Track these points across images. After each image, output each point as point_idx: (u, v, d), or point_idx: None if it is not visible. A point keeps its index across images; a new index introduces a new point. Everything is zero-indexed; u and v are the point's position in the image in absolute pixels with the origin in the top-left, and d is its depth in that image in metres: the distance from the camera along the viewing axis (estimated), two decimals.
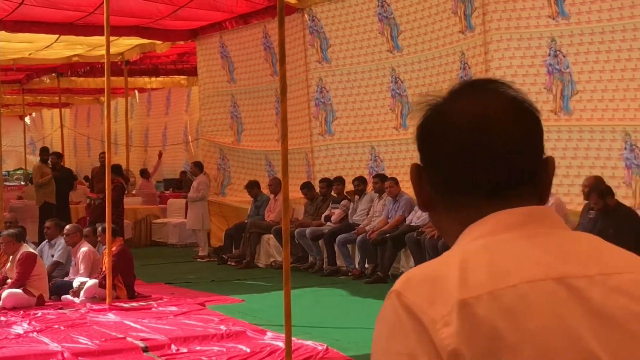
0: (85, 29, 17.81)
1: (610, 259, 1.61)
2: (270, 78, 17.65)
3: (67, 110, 35.75)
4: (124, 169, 20.61)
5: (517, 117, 1.70)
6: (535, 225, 1.63)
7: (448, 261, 1.61)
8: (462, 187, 1.68)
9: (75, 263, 13.47)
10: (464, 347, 1.47)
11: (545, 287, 1.53)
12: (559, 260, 1.57)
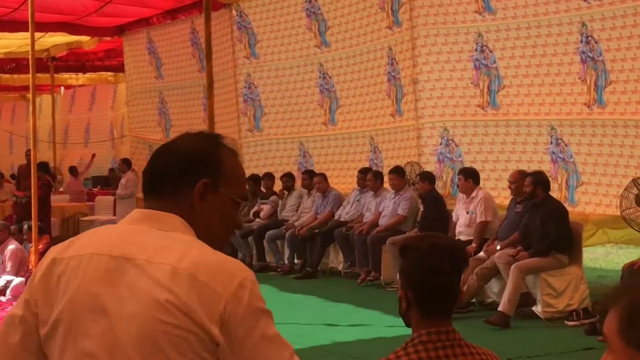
0: (10, 24, 17.56)
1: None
2: (198, 74, 17.57)
3: None
4: (51, 167, 20.37)
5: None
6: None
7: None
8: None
9: (2, 261, 13.30)
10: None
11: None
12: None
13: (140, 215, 2.39)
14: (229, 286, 2.20)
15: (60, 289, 2.30)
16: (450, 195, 12.74)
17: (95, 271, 2.28)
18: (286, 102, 15.80)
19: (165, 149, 2.46)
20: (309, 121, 15.45)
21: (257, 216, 15.43)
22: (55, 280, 2.32)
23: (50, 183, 18.66)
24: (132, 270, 2.25)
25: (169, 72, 18.41)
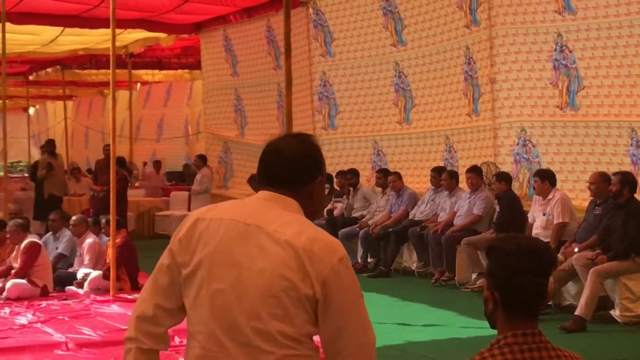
0: (90, 21, 17.81)
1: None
2: (273, 72, 17.66)
3: (70, 102, 35.73)
4: (127, 161, 20.62)
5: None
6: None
7: None
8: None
9: (80, 254, 13.49)
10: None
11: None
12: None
13: (267, 196, 3.18)
14: (333, 258, 2.99)
15: (202, 241, 3.09)
16: (527, 197, 12.62)
17: (232, 233, 3.07)
18: (361, 100, 15.79)
19: (279, 151, 3.24)
20: (384, 120, 15.43)
21: (330, 213, 15.46)
22: (197, 234, 3.10)
23: (127, 178, 18.89)
24: (263, 236, 3.03)
25: (244, 69, 18.52)
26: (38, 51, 22.02)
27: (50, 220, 14.38)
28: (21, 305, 11.56)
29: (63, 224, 14.12)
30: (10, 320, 10.57)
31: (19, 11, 16.73)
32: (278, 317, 2.96)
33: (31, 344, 9.21)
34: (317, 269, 2.96)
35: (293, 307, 2.96)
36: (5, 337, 9.56)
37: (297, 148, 3.22)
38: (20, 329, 9.99)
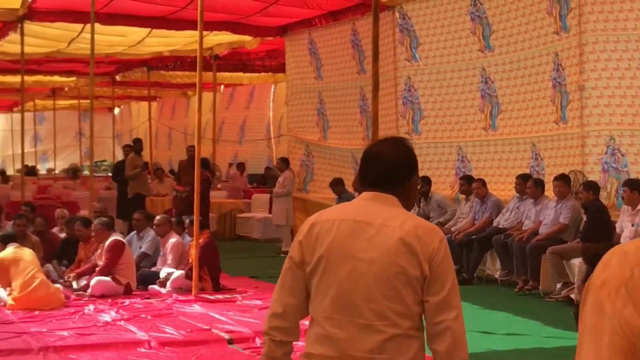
0: (177, 23, 17.98)
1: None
2: (357, 76, 17.62)
3: (154, 103, 36.14)
4: (211, 163, 20.75)
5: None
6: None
7: None
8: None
9: (163, 253, 13.61)
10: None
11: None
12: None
13: (370, 195, 3.65)
14: (435, 239, 3.48)
15: (319, 241, 3.57)
16: (615, 207, 12.38)
17: (344, 230, 3.56)
18: (446, 105, 15.67)
19: (380, 154, 3.70)
20: (469, 125, 15.28)
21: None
22: (315, 236, 3.60)
23: (210, 179, 19.00)
24: (371, 230, 3.52)
25: (328, 73, 18.50)
26: (125, 52, 22.30)
27: (134, 220, 14.54)
28: (105, 302, 11.70)
29: (147, 223, 14.28)
30: (95, 317, 10.70)
31: (107, 12, 16.95)
32: (391, 299, 3.43)
33: (115, 341, 9.30)
34: (423, 250, 3.43)
35: (403, 288, 3.43)
36: (90, 333, 9.68)
37: (396, 151, 3.69)
38: (104, 326, 10.11)
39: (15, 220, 14.21)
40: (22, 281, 11.32)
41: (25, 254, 11.71)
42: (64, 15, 17.33)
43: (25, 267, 11.45)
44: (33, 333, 9.65)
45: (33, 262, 11.61)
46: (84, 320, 10.56)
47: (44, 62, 24.66)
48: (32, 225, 14.62)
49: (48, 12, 17.15)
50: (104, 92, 32.68)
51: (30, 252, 11.95)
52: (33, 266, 11.53)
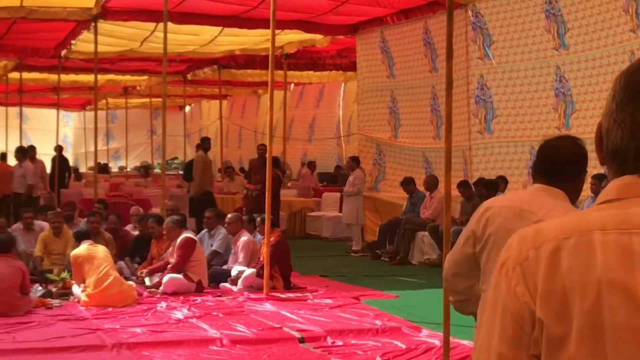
0: (248, 22, 18.04)
1: None
2: (429, 74, 17.51)
3: (225, 101, 36.33)
4: (281, 161, 20.79)
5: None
6: None
7: None
8: None
9: (234, 252, 13.66)
10: None
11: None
12: None
13: (540, 187, 4.08)
14: None
15: (489, 222, 4.15)
16: None
17: (511, 215, 4.07)
18: (519, 104, 15.48)
19: (557, 150, 4.08)
20: (542, 124, 15.09)
21: None
22: (486, 218, 4.18)
23: (280, 177, 19.05)
24: (534, 218, 3.85)
25: (400, 71, 18.42)
26: (197, 51, 22.44)
27: (205, 218, 14.62)
28: (177, 300, 11.77)
29: (218, 221, 14.35)
30: (167, 314, 10.77)
31: (180, 11, 17.06)
32: None
33: (187, 338, 9.35)
34: None
35: None
36: (162, 330, 9.74)
37: (572, 148, 4.10)
38: (176, 324, 10.17)
39: (89, 217, 14.36)
40: (96, 278, 11.44)
41: (98, 251, 11.84)
42: (137, 14, 17.49)
43: (99, 264, 11.57)
44: (107, 329, 9.75)
45: (106, 259, 11.73)
46: (157, 317, 10.64)
47: (117, 61, 24.92)
48: (105, 223, 14.78)
49: (121, 11, 17.32)
50: (175, 91, 32.94)
51: (104, 249, 12.08)
52: (107, 263, 11.65)
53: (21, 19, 17.42)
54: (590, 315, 1.61)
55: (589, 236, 1.65)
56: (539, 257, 1.66)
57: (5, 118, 29.82)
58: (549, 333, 1.64)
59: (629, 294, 1.59)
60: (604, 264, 1.62)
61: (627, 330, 1.58)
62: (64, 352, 8.77)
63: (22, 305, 10.86)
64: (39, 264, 13.92)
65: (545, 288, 1.64)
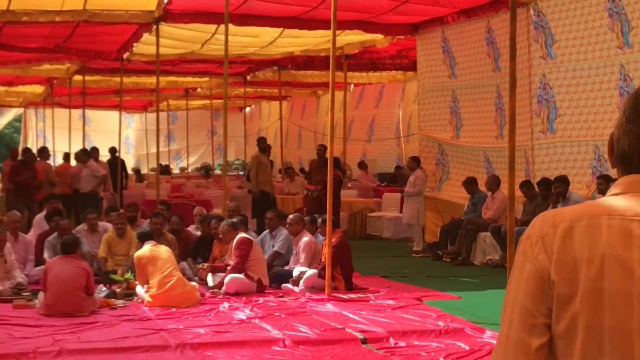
0: (309, 23, 18.05)
1: None
2: (492, 74, 17.39)
3: (285, 102, 36.43)
4: (342, 162, 20.79)
5: None
6: None
7: None
8: None
9: (296, 252, 13.69)
10: None
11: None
12: None
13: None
14: None
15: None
16: None
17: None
18: (582, 103, 15.31)
19: None
20: (606, 124, 14.90)
21: None
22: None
23: (341, 178, 19.05)
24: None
25: (462, 71, 18.32)
26: (257, 52, 22.53)
27: (267, 219, 14.66)
28: (239, 300, 11.82)
29: (279, 222, 14.38)
30: (229, 315, 10.82)
31: (241, 13, 17.13)
32: None
33: (250, 339, 9.38)
34: None
35: None
36: (225, 331, 9.78)
37: None
38: (238, 324, 10.21)
39: (152, 218, 14.48)
40: (159, 279, 11.54)
41: (161, 252, 11.94)
42: (198, 17, 17.59)
43: (162, 265, 11.66)
44: (170, 330, 9.81)
45: (170, 260, 11.82)
46: (219, 317, 10.69)
47: (178, 63, 25.11)
48: (168, 224, 14.90)
49: (182, 13, 17.43)
50: (236, 92, 33.11)
51: (167, 249, 12.17)
52: (170, 264, 11.74)
53: (84, 22, 17.60)
54: (593, 281, 2.11)
55: (598, 220, 2.15)
56: (555, 233, 2.16)
57: (69, 120, 30.18)
58: (559, 292, 2.14)
59: (625, 267, 2.08)
60: (608, 242, 2.11)
61: (620, 294, 2.08)
62: (128, 352, 8.85)
63: (86, 305, 10.98)
64: (103, 264, 14.08)
65: (559, 257, 2.14)
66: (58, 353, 8.70)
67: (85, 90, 27.13)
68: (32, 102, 37.79)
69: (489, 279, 14.21)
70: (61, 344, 9.03)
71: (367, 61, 25.07)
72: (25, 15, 16.59)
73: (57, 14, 16.75)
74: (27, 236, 14.84)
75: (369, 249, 19.05)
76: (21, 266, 13.65)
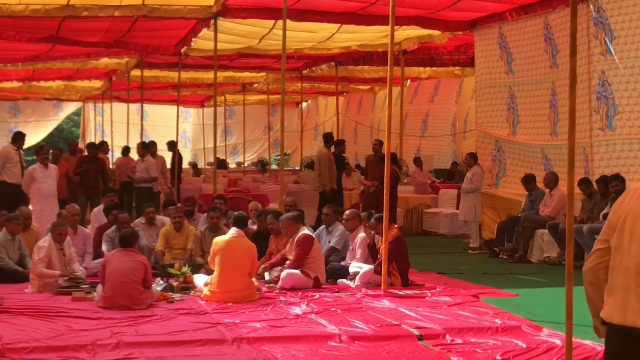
0: (366, 18, 18.04)
1: None
2: (549, 70, 17.25)
3: (341, 98, 36.46)
4: (398, 158, 20.75)
5: None
6: None
7: None
8: None
9: (352, 248, 13.68)
10: None
11: None
12: None
13: None
14: None
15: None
16: None
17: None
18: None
19: None
20: None
21: (605, 218, 14.96)
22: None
23: (397, 174, 19.01)
24: None
25: (519, 67, 18.19)
26: (314, 48, 22.54)
27: (323, 214, 14.66)
28: (295, 295, 11.84)
29: (336, 218, 14.38)
30: (286, 310, 10.83)
31: (298, 8, 17.17)
32: None
33: (306, 334, 9.38)
34: None
35: None
36: (282, 326, 9.80)
37: None
38: (294, 319, 10.22)
39: (209, 212, 14.57)
40: (221, 272, 11.59)
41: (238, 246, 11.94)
42: (256, 12, 17.65)
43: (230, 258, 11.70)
44: (227, 324, 9.85)
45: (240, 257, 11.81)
46: (276, 312, 10.71)
47: (235, 58, 25.20)
48: (225, 218, 14.97)
49: (240, 8, 17.50)
50: (292, 87, 33.17)
51: (249, 245, 12.11)
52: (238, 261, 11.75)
53: (143, 17, 17.74)
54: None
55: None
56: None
57: (127, 114, 30.47)
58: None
59: (636, 217, 4.26)
60: (632, 203, 4.33)
61: (630, 232, 4.28)
62: (185, 345, 8.90)
63: (144, 298, 11.07)
64: (161, 258, 14.20)
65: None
66: (116, 345, 8.77)
67: (143, 85, 27.34)
68: (91, 96, 38.18)
69: (546, 277, 14.11)
70: (119, 337, 9.11)
71: (425, 57, 24.98)
72: (85, 10, 16.75)
73: (117, 8, 16.89)
74: (85, 229, 15.00)
75: (425, 245, 19.00)
76: (80, 259, 13.81)
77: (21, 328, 9.58)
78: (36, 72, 28.89)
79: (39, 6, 16.44)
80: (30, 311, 10.58)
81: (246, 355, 8.49)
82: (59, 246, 12.85)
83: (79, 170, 19.79)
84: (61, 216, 14.90)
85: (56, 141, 50.38)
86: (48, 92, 34.86)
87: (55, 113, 43.52)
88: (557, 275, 13.59)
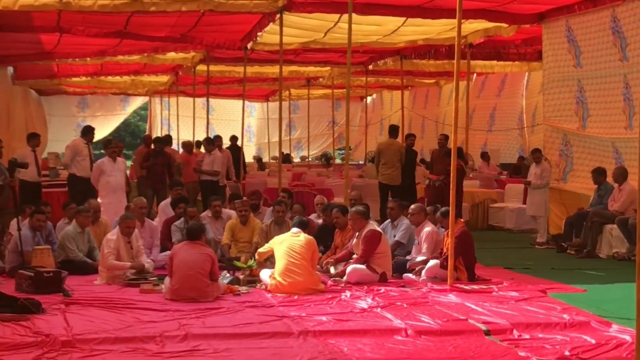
0: (433, 12, 17.91)
1: None
2: (619, 63, 17.00)
3: (407, 92, 36.31)
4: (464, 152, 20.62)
5: None
6: None
7: None
8: None
9: (417, 242, 13.64)
10: None
11: None
12: None
13: None
14: None
15: None
16: None
17: None
18: None
19: None
20: None
21: None
22: None
23: (463, 168, 18.92)
24: None
25: (587, 60, 17.95)
26: (379, 41, 22.46)
27: (388, 209, 14.65)
28: (361, 289, 11.84)
29: (401, 212, 14.35)
30: (351, 303, 10.83)
31: (364, 2, 17.12)
32: None
33: (372, 328, 9.37)
34: None
35: None
36: (347, 319, 9.80)
37: None
38: (360, 313, 10.21)
39: (275, 206, 14.61)
40: (285, 266, 11.64)
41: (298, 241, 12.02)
42: (321, 6, 17.62)
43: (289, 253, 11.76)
44: (293, 317, 9.88)
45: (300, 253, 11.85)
46: (341, 306, 10.71)
47: (300, 53, 25.22)
48: (290, 212, 15.01)
49: (306, 2, 17.48)
50: (357, 82, 33.12)
51: (309, 240, 12.17)
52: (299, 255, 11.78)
53: (209, 12, 17.82)
54: None
55: None
56: None
57: (193, 109, 30.68)
58: None
59: None
60: None
61: None
62: (252, 338, 8.94)
63: (211, 291, 11.14)
64: (227, 251, 14.28)
65: None
66: (184, 337, 8.84)
67: (209, 80, 27.48)
68: (157, 90, 38.48)
69: (615, 273, 13.93)
70: (187, 329, 9.18)
71: (491, 50, 24.75)
72: (153, 5, 16.87)
73: (184, 3, 16.99)
74: (153, 222, 15.14)
75: (491, 240, 18.88)
76: (147, 251, 13.94)
77: (90, 319, 9.71)
78: (104, 67, 29.21)
79: (108, 1, 16.59)
80: (99, 303, 10.72)
81: (313, 348, 8.51)
82: (126, 239, 13.00)
83: (146, 165, 19.95)
84: (129, 209, 15.05)
85: (122, 135, 50.90)
86: (115, 86, 35.19)
87: (122, 107, 43.98)
88: (626, 271, 13.41)
